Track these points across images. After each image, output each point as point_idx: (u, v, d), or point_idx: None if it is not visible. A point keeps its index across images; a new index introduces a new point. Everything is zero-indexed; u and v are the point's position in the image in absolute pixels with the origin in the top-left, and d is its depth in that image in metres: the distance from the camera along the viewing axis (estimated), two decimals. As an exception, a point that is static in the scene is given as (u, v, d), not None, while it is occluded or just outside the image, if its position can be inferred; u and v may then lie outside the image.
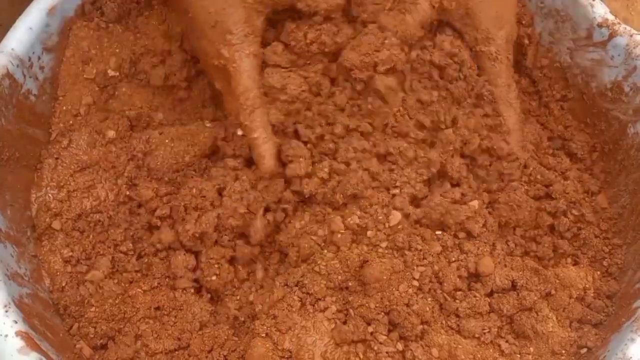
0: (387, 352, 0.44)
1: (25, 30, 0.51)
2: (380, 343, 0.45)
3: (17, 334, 0.40)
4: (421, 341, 0.45)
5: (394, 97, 0.49)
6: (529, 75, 0.61)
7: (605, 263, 0.51)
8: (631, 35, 0.53)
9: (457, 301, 0.46)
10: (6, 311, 0.41)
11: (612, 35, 0.54)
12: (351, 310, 0.45)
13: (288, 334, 0.44)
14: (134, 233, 0.51)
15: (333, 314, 0.45)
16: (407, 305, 0.45)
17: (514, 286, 0.48)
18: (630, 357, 0.41)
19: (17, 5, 0.53)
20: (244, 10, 0.48)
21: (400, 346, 0.45)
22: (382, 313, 0.45)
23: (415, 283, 0.46)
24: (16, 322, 0.40)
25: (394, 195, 0.49)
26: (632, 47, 0.53)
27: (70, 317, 0.47)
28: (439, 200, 0.49)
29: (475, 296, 0.46)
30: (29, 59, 0.51)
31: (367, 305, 0.45)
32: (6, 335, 0.39)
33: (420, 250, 0.47)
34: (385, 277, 0.45)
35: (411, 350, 0.44)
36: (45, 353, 0.40)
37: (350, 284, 0.46)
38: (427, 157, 0.49)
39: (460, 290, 0.47)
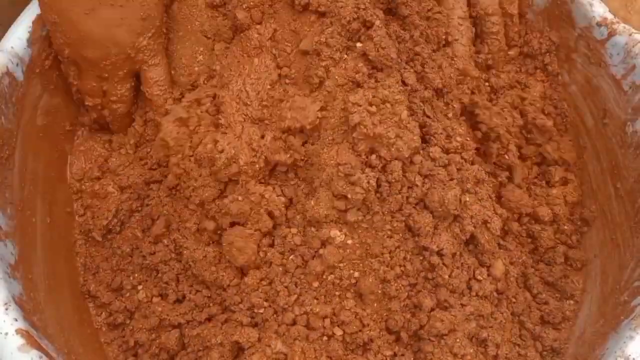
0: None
1: (24, 29, 0.51)
2: None
3: (17, 331, 0.40)
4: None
5: None
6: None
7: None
8: (630, 34, 0.53)
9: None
10: (6, 309, 0.41)
11: (611, 34, 0.54)
12: None
13: None
14: None
15: None
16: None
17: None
18: (629, 355, 0.41)
19: (17, 5, 0.53)
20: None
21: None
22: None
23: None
24: (16, 320, 0.40)
25: None
26: (631, 46, 0.53)
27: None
28: None
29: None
30: (29, 57, 0.51)
31: None
32: (6, 333, 0.39)
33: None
34: None
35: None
36: (45, 351, 0.40)
37: None
38: None
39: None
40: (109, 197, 0.54)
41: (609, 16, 0.54)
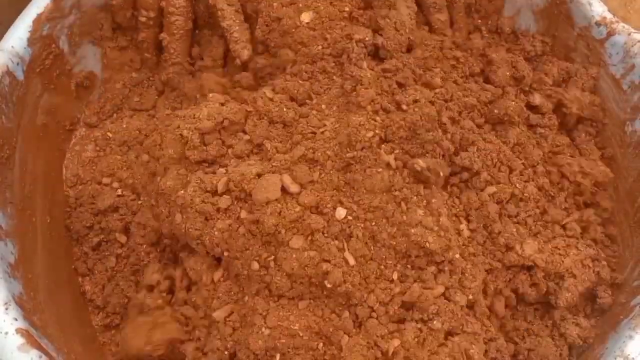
0: None
1: (25, 28, 0.51)
2: None
3: (17, 331, 0.40)
4: None
5: None
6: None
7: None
8: (629, 34, 0.53)
9: None
10: (6, 309, 0.41)
11: (610, 34, 0.54)
12: None
13: None
14: None
15: None
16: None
17: None
18: (629, 355, 0.41)
19: (17, 4, 0.53)
20: None
21: None
22: None
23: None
24: (16, 320, 0.40)
25: None
26: (630, 45, 0.53)
27: None
28: None
29: None
30: (29, 57, 0.51)
31: None
32: (6, 333, 0.39)
33: None
34: None
35: None
36: (45, 350, 0.40)
37: None
38: None
39: None
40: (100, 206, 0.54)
41: (608, 15, 0.54)
